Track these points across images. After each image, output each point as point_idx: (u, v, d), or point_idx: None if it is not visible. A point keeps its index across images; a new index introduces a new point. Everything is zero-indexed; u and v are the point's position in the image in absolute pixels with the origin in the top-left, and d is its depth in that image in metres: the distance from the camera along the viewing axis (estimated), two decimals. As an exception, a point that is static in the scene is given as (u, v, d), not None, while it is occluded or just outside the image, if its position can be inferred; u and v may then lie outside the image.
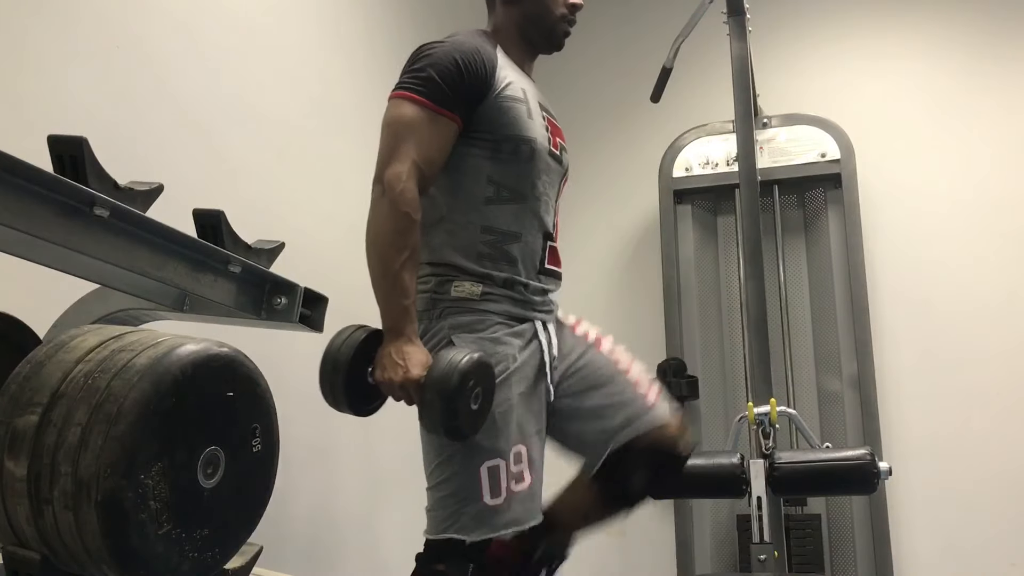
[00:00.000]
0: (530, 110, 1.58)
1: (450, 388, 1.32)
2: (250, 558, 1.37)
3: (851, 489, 2.67)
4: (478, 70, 1.52)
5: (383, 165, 1.48)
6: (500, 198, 1.55)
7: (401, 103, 1.49)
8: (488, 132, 1.53)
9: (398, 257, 1.42)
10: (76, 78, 1.74)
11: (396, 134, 1.48)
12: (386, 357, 1.40)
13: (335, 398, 1.43)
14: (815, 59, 3.94)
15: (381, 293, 1.45)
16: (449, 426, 1.36)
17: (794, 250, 3.61)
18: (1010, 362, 3.41)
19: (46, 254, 1.12)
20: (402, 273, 1.42)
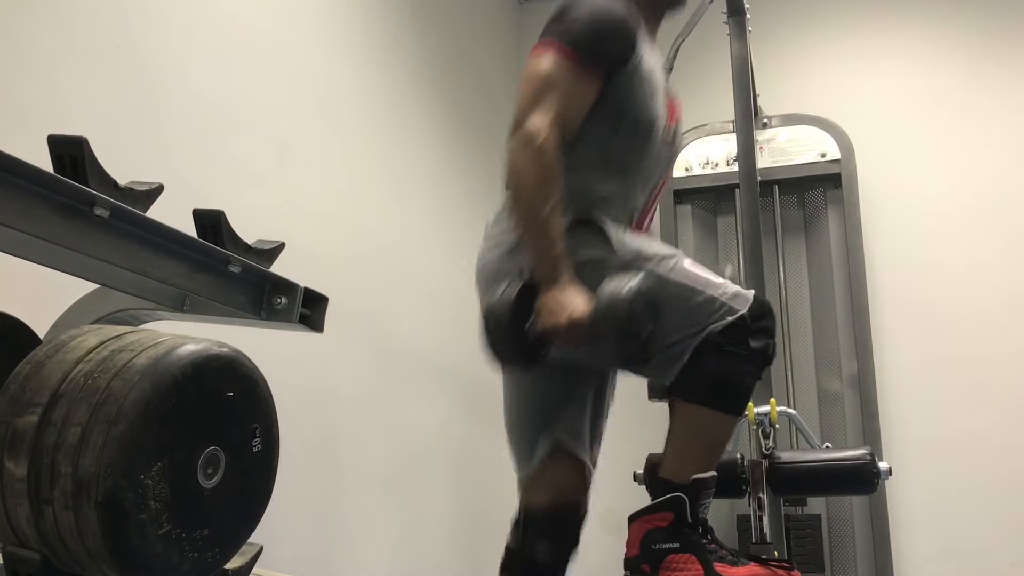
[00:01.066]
0: (655, 89, 1.56)
1: (620, 319, 1.31)
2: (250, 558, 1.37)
3: (851, 489, 2.66)
4: (626, 38, 1.49)
5: (524, 113, 1.43)
6: (607, 165, 1.55)
7: (547, 54, 1.45)
8: (615, 102, 1.51)
9: (545, 205, 1.40)
10: (76, 78, 1.74)
11: (542, 85, 1.44)
12: (548, 304, 1.38)
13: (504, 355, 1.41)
14: (815, 59, 3.94)
15: (532, 243, 1.43)
16: (627, 353, 1.36)
17: (794, 250, 3.60)
18: (1010, 362, 3.41)
19: (46, 254, 1.12)
20: (550, 221, 1.40)
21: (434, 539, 3.07)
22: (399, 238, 3.01)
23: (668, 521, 1.48)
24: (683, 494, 1.48)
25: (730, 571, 1.45)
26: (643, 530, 1.50)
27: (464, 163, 3.54)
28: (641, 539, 1.49)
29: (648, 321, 1.36)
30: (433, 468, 3.10)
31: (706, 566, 1.44)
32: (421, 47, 3.30)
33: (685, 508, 1.48)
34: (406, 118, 3.16)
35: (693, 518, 1.48)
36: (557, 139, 1.42)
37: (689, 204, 3.65)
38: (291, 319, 1.46)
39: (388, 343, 2.89)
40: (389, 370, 2.86)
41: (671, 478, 1.51)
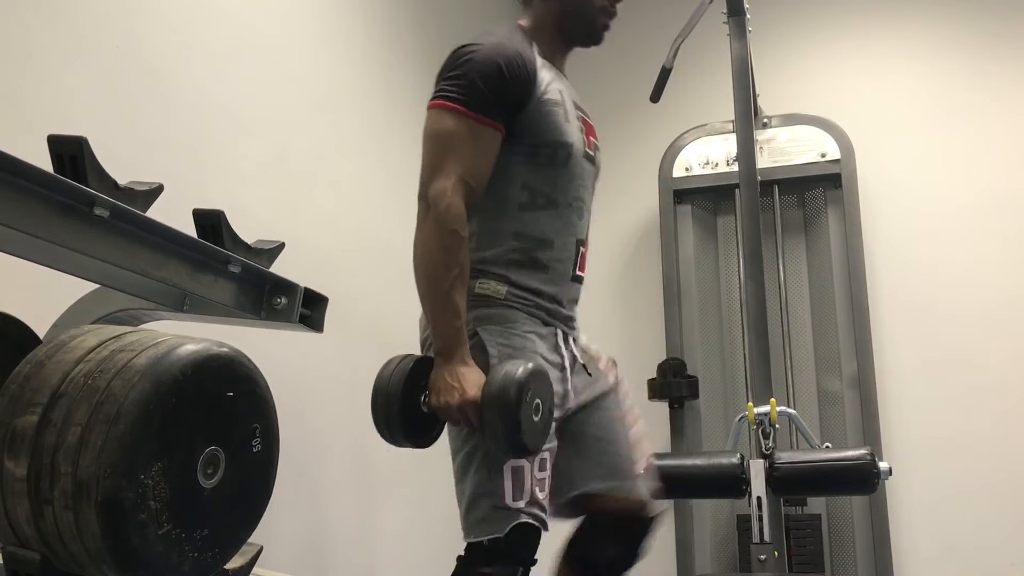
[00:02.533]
0: (567, 113, 1.53)
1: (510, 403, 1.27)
2: (250, 558, 1.37)
3: (851, 489, 2.67)
4: (521, 75, 1.45)
5: (427, 180, 1.43)
6: (535, 204, 1.50)
7: (442, 113, 1.44)
8: (526, 137, 1.48)
9: (447, 276, 1.38)
10: (76, 78, 1.74)
11: (439, 147, 1.43)
12: (440, 381, 1.36)
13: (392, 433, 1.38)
14: (815, 59, 3.94)
15: (431, 314, 1.41)
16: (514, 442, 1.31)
17: (794, 250, 3.61)
18: (1010, 362, 3.41)
19: (46, 254, 1.12)
20: (452, 293, 1.38)
21: (434, 539, 3.07)
22: (399, 238, 3.00)
23: None
24: None
25: None
26: None
27: (464, 163, 3.54)
28: None
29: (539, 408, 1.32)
30: (433, 468, 3.09)
31: None
32: (421, 47, 3.30)
33: None
34: (406, 118, 3.16)
35: None
36: (461, 203, 1.39)
37: (689, 204, 3.66)
38: (291, 319, 1.46)
39: (388, 343, 2.88)
40: (389, 370, 2.86)
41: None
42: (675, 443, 3.39)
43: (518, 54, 1.47)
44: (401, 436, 1.39)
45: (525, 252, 1.49)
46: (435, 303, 1.40)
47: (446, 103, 1.44)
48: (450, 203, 1.39)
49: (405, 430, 1.38)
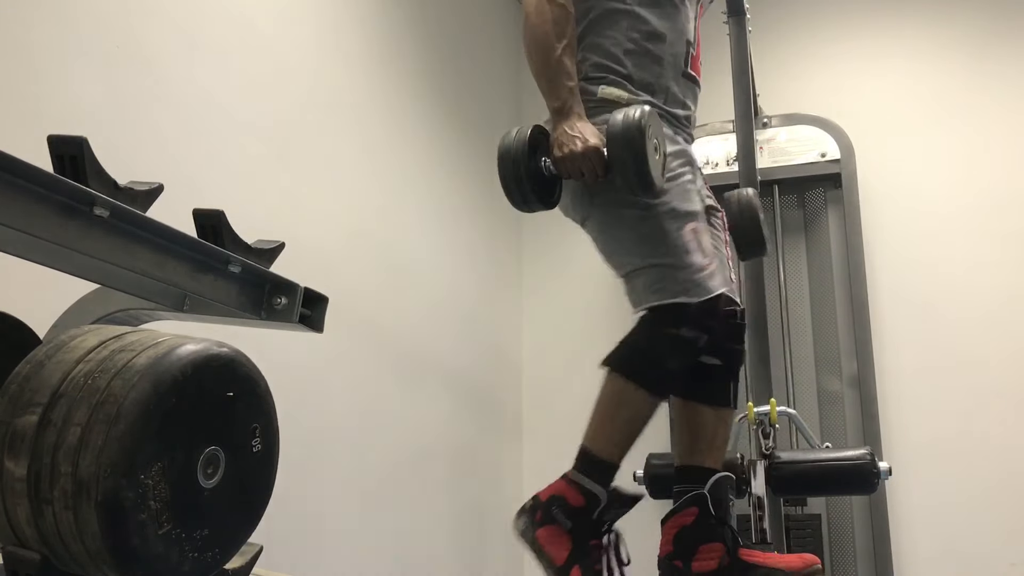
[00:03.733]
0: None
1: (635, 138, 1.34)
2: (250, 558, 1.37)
3: (851, 489, 2.66)
4: None
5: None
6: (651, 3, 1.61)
7: None
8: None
9: (558, 44, 1.47)
10: (76, 78, 1.74)
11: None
12: (562, 135, 1.43)
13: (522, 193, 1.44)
14: (815, 59, 3.94)
15: (546, 79, 1.49)
16: (643, 176, 1.38)
17: (794, 250, 3.60)
18: (1010, 362, 3.41)
19: (46, 254, 1.12)
20: (563, 58, 1.48)
21: (434, 539, 3.07)
22: (399, 238, 3.01)
23: (694, 516, 1.56)
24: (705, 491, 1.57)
25: (755, 555, 1.53)
26: (673, 530, 1.58)
27: (464, 163, 3.54)
28: (672, 539, 1.58)
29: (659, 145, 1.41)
30: (433, 468, 3.10)
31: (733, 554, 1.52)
32: (421, 47, 3.30)
33: (707, 503, 1.57)
34: (406, 118, 3.16)
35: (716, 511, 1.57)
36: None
37: (689, 204, 3.65)
38: (291, 319, 1.46)
39: (388, 343, 2.89)
40: (389, 370, 2.86)
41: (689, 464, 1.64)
42: (675, 443, 3.39)
43: None
44: (531, 195, 1.44)
45: (639, 43, 1.59)
46: (548, 69, 1.50)
47: None
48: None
49: (534, 189, 1.44)
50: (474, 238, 3.55)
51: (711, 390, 1.65)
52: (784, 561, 1.56)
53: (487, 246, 3.68)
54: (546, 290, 3.98)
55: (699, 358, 1.59)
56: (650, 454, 2.47)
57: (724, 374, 1.65)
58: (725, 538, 1.53)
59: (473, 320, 3.49)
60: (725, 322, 1.59)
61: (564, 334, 3.87)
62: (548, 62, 1.48)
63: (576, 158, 1.41)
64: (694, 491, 1.56)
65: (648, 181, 1.39)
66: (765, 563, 1.53)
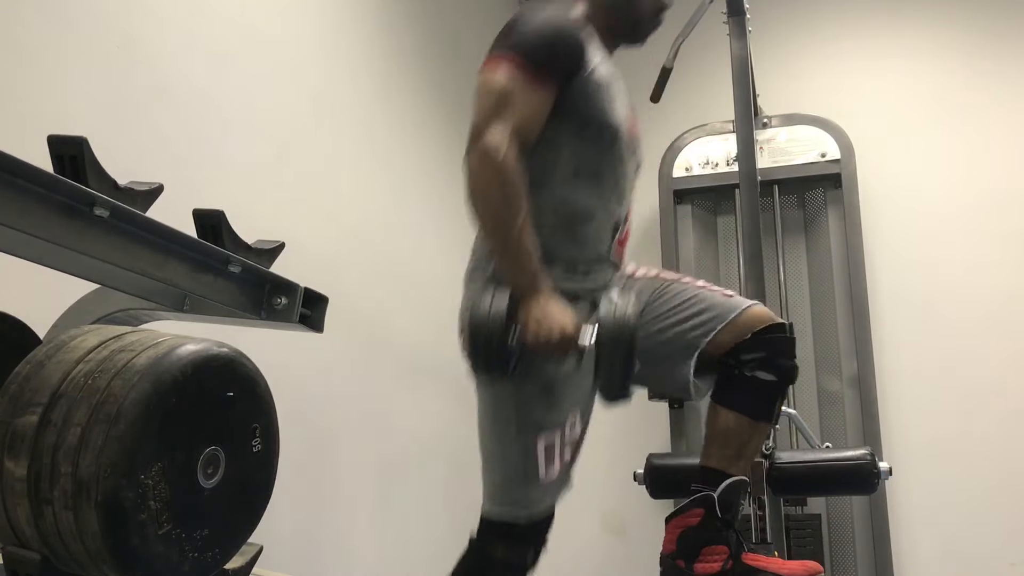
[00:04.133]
0: (613, 96, 1.57)
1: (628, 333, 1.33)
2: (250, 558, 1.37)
3: (851, 489, 2.66)
4: (576, 45, 1.50)
5: (481, 131, 1.43)
6: (579, 175, 1.54)
7: (499, 68, 1.45)
8: (574, 110, 1.51)
9: (515, 223, 1.40)
10: (76, 78, 1.74)
11: (495, 99, 1.44)
12: (535, 315, 1.38)
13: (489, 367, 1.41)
14: (815, 59, 3.94)
15: (508, 261, 1.44)
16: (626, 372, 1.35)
17: (794, 250, 3.60)
18: (1010, 362, 3.41)
19: (46, 254, 1.12)
20: (522, 239, 1.40)
21: (434, 539, 3.07)
22: (399, 238, 3.01)
23: (699, 517, 1.55)
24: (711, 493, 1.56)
25: (759, 560, 1.52)
26: (678, 529, 1.58)
27: (464, 163, 3.54)
28: (677, 537, 1.57)
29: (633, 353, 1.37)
30: (433, 468, 3.10)
31: (736, 557, 1.52)
32: (421, 46, 3.30)
33: (714, 504, 1.55)
34: (406, 118, 3.16)
35: (723, 514, 1.56)
36: (516, 152, 1.41)
37: (689, 204, 3.65)
38: (291, 319, 1.46)
39: (388, 343, 2.89)
40: (389, 369, 2.86)
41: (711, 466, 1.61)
42: (675, 443, 3.39)
43: (573, 25, 1.52)
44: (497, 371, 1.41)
45: (564, 221, 1.53)
46: (507, 251, 1.42)
47: (503, 57, 1.45)
48: (507, 154, 1.39)
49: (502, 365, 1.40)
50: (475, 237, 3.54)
51: (757, 404, 1.62)
52: (787, 567, 1.55)
53: (487, 246, 3.67)
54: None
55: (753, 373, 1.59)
56: (650, 454, 2.47)
57: (775, 390, 1.62)
58: (729, 541, 1.53)
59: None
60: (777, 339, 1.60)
61: (564, 334, 3.86)
62: (507, 245, 1.41)
63: (548, 344, 1.37)
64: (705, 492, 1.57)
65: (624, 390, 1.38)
66: (768, 567, 1.53)
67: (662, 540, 1.63)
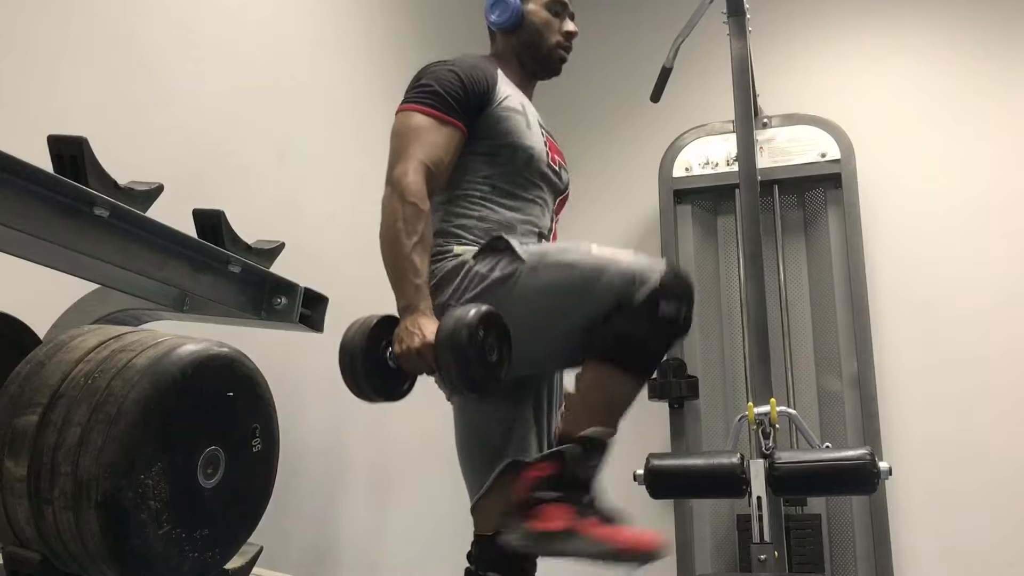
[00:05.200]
0: (528, 122, 1.67)
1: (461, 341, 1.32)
2: (250, 558, 1.37)
3: (851, 489, 2.66)
4: (479, 83, 1.61)
5: (391, 167, 1.54)
6: (495, 193, 1.63)
7: (408, 114, 1.58)
8: (487, 138, 1.62)
9: (408, 241, 1.46)
10: (76, 78, 1.74)
11: (403, 139, 1.55)
12: (403, 331, 1.43)
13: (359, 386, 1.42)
14: (815, 59, 3.94)
15: (393, 276, 1.49)
16: (464, 378, 1.35)
17: (794, 250, 3.60)
18: (1010, 362, 3.41)
19: (46, 254, 1.12)
20: (412, 255, 1.46)
21: (436, 538, 3.07)
22: (399, 238, 3.01)
23: (548, 472, 1.48)
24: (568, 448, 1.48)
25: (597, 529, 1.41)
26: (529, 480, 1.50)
27: (464, 163, 3.54)
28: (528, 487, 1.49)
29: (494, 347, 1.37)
30: (433, 467, 3.10)
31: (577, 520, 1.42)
32: (421, 47, 3.30)
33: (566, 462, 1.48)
34: (406, 118, 3.16)
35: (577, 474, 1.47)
36: (422, 181, 1.50)
37: (689, 204, 3.66)
38: (291, 319, 1.46)
39: (388, 343, 2.88)
40: (389, 370, 2.86)
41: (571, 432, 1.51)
42: (675, 443, 3.39)
43: (476, 67, 1.64)
44: (368, 389, 1.42)
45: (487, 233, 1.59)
46: (396, 265, 1.47)
47: (411, 106, 1.59)
48: (410, 180, 1.49)
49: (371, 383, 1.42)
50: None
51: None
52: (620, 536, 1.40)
53: (487, 246, 3.67)
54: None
55: None
56: (650, 454, 2.47)
57: None
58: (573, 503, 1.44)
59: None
60: None
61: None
62: (396, 259, 1.47)
63: (412, 355, 1.40)
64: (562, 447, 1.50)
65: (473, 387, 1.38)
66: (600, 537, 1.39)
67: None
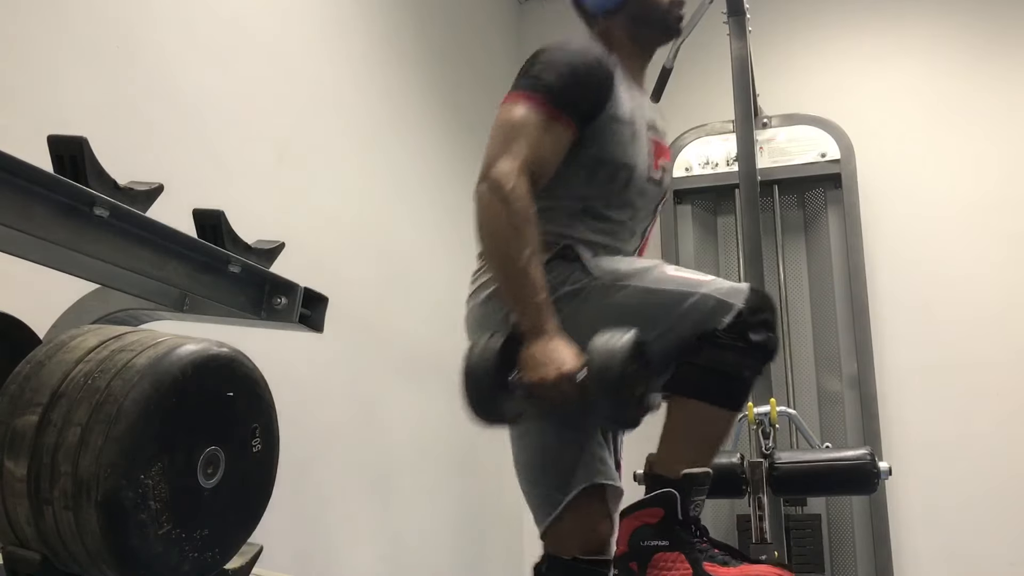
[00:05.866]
0: (636, 132, 1.53)
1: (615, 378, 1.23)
2: (250, 558, 1.37)
3: (851, 489, 2.66)
4: (600, 82, 1.47)
5: (491, 163, 1.40)
6: (586, 214, 1.52)
7: (517, 104, 1.43)
8: (591, 150, 1.49)
9: (522, 253, 1.34)
10: (76, 78, 1.74)
11: (508, 133, 1.42)
12: (533, 358, 1.31)
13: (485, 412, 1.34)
14: (815, 59, 3.94)
15: (512, 294, 1.37)
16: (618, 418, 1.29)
17: (794, 250, 3.60)
18: (1010, 362, 3.41)
19: (46, 254, 1.12)
20: (528, 270, 1.34)
21: (434, 539, 3.07)
22: (399, 238, 3.01)
23: (658, 517, 1.42)
24: (674, 490, 1.42)
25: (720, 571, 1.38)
26: (632, 527, 1.44)
27: (464, 163, 3.54)
28: (629, 536, 1.43)
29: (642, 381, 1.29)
30: (433, 468, 3.10)
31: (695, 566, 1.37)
32: (421, 46, 3.30)
33: (675, 504, 1.41)
34: (406, 118, 3.16)
35: (684, 515, 1.42)
36: (527, 185, 1.38)
37: (689, 204, 3.66)
38: (291, 319, 1.46)
39: (388, 343, 2.89)
40: (389, 370, 2.86)
41: (665, 473, 1.45)
42: (675, 443, 3.39)
43: (599, 61, 1.49)
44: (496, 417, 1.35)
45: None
46: (514, 283, 1.36)
47: (522, 94, 1.44)
48: (516, 184, 1.36)
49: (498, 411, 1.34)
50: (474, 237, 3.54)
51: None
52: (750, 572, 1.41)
53: (487, 246, 3.67)
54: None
55: None
56: (650, 454, 2.46)
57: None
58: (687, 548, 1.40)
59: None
60: None
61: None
62: (513, 276, 1.34)
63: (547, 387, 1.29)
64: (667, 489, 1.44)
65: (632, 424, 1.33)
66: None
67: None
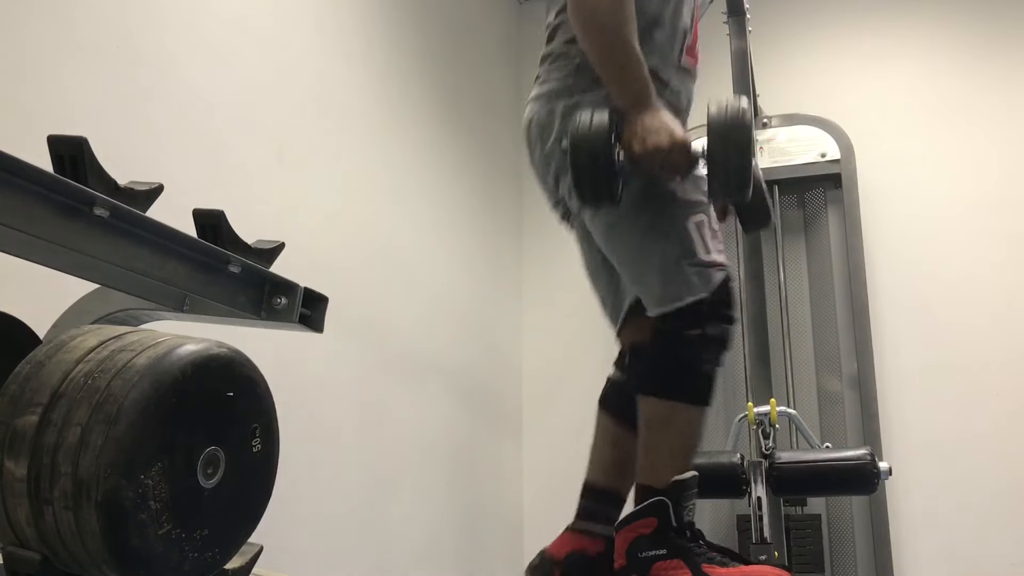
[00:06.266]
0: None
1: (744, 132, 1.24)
2: (250, 558, 1.37)
3: (851, 489, 2.66)
4: None
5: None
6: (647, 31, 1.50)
7: None
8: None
9: (625, 27, 1.36)
10: (76, 78, 1.74)
11: None
12: (645, 127, 1.32)
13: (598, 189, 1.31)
14: (815, 59, 3.94)
15: (615, 68, 1.39)
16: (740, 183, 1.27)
17: (794, 250, 3.60)
18: (1010, 362, 3.41)
19: (46, 254, 1.12)
20: (632, 42, 1.36)
21: (434, 539, 3.07)
22: (399, 238, 3.01)
23: (652, 527, 1.40)
24: (664, 498, 1.40)
25: (719, 572, 1.37)
26: (628, 539, 1.42)
27: (464, 162, 3.54)
28: (627, 549, 1.42)
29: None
30: (433, 468, 3.10)
31: (694, 570, 1.36)
32: (421, 46, 3.30)
33: (668, 512, 1.40)
34: (406, 117, 3.16)
35: (678, 521, 1.40)
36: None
37: (689, 204, 3.65)
38: (291, 319, 1.46)
39: (388, 343, 2.89)
40: (389, 370, 2.86)
41: (651, 483, 1.43)
42: (675, 443, 3.39)
43: None
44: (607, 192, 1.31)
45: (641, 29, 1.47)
46: (618, 56, 1.37)
47: None
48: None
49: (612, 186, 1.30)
50: (474, 238, 3.55)
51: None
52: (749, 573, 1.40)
53: (487, 245, 3.68)
54: (546, 289, 3.98)
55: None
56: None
57: None
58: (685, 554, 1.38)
59: (473, 319, 3.50)
60: None
61: (564, 333, 3.87)
62: (615, 50, 1.36)
63: (661, 154, 1.31)
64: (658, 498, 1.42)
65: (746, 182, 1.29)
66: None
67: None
